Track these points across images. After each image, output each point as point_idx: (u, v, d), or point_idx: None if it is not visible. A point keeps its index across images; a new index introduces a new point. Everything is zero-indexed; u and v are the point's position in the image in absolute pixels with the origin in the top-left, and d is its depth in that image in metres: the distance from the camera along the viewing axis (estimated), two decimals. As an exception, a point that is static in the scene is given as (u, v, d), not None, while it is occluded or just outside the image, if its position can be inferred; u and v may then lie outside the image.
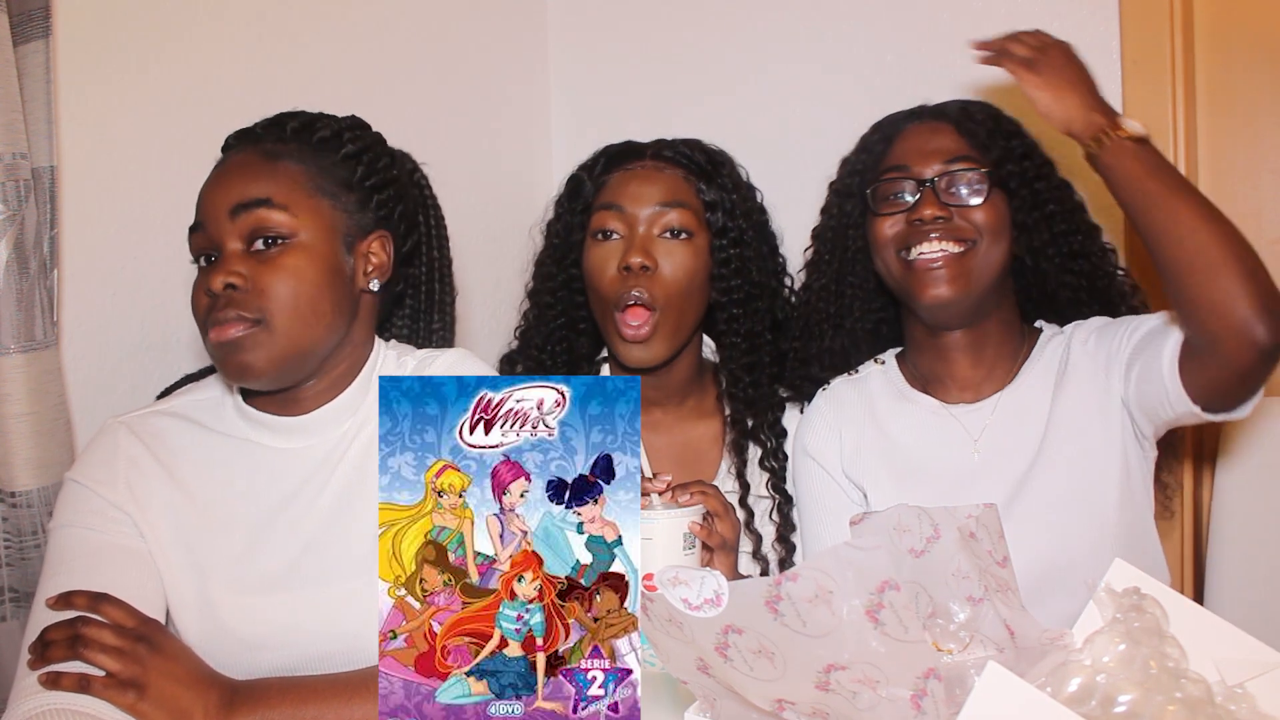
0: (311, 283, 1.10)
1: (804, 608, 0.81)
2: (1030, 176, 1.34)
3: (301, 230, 1.11)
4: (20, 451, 1.24)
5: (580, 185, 1.49)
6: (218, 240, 1.10)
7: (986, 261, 1.31)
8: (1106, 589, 0.95)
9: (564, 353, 1.52)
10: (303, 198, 1.12)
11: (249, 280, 1.07)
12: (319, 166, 1.15)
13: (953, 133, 1.34)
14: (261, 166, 1.13)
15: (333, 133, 1.19)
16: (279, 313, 1.08)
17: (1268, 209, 1.73)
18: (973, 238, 1.30)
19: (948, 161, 1.32)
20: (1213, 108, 1.75)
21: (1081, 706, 0.86)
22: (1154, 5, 1.70)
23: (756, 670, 0.82)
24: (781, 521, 1.46)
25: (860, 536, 1.01)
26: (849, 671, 0.80)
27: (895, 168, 1.35)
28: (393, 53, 1.88)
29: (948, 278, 1.29)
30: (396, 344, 1.25)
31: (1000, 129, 1.35)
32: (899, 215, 1.33)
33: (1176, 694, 0.86)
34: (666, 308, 1.41)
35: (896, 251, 1.33)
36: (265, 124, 1.19)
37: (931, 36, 1.86)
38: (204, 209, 1.12)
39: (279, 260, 1.09)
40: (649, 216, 1.42)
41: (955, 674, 0.84)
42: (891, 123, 1.41)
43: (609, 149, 1.51)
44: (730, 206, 1.45)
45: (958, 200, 1.31)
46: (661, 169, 1.45)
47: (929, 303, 1.31)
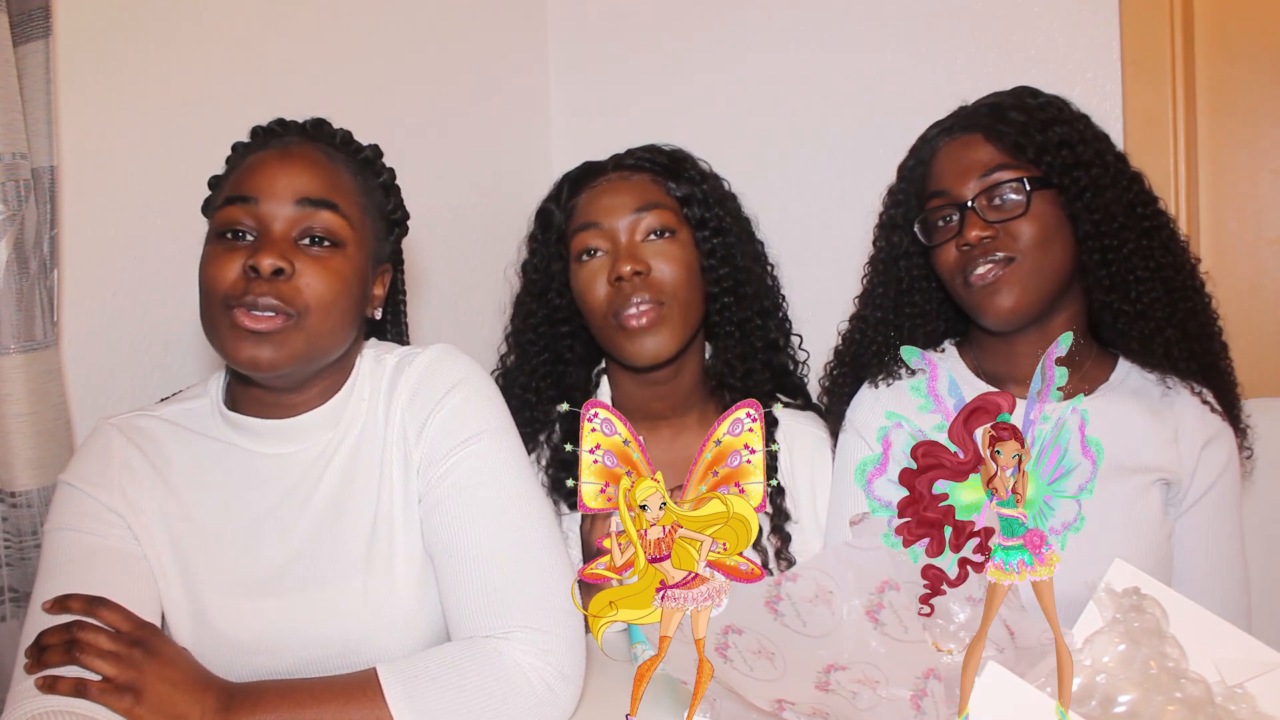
0: (346, 293, 1.10)
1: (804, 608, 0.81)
2: (1073, 164, 1.27)
3: (350, 243, 1.11)
4: (20, 451, 1.24)
5: (550, 216, 1.49)
6: (269, 221, 1.08)
7: (1044, 265, 1.27)
8: (1106, 589, 0.95)
9: (551, 387, 1.51)
10: (357, 212, 1.13)
11: (295, 271, 1.06)
12: (365, 186, 1.17)
13: (983, 142, 1.30)
14: (327, 167, 1.13)
15: (372, 155, 1.21)
16: (315, 311, 1.07)
17: (1268, 209, 1.73)
18: (1023, 248, 1.27)
19: (983, 176, 1.28)
20: (1213, 108, 1.75)
21: (1081, 706, 0.86)
22: (1154, 5, 1.71)
23: (756, 670, 0.82)
24: (775, 513, 1.45)
25: (860, 536, 1.01)
26: (849, 671, 0.80)
27: (935, 194, 1.33)
28: (393, 53, 1.88)
29: (1006, 290, 1.27)
30: (375, 342, 1.25)
31: (1035, 120, 1.29)
32: (951, 242, 1.31)
33: (1176, 694, 0.86)
34: (671, 301, 1.41)
35: (959, 276, 1.31)
36: (310, 123, 1.19)
37: (933, 39, 1.86)
38: (261, 187, 1.09)
39: (327, 261, 1.09)
40: (628, 225, 1.42)
41: (955, 674, 0.84)
42: (925, 143, 1.38)
43: (568, 175, 1.51)
44: (703, 197, 1.46)
45: (1002, 213, 1.27)
46: (627, 177, 1.46)
47: (995, 317, 1.29)
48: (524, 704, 1.00)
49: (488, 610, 1.05)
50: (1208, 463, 1.29)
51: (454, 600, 1.07)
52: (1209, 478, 1.29)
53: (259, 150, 1.13)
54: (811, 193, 1.98)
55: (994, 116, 1.32)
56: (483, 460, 1.11)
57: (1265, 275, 1.70)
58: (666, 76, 2.11)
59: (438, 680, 0.99)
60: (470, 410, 1.13)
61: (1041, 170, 1.27)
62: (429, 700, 0.98)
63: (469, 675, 1.00)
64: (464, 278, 2.01)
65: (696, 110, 2.07)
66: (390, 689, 0.98)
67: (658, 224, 1.42)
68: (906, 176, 1.40)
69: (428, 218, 1.90)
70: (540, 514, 1.12)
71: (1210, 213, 1.74)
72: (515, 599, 1.05)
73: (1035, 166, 1.27)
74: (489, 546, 1.07)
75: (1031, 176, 1.27)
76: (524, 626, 1.03)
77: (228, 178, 1.14)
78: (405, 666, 1.00)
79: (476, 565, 1.06)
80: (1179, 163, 1.70)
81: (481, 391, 1.16)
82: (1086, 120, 1.33)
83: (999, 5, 1.80)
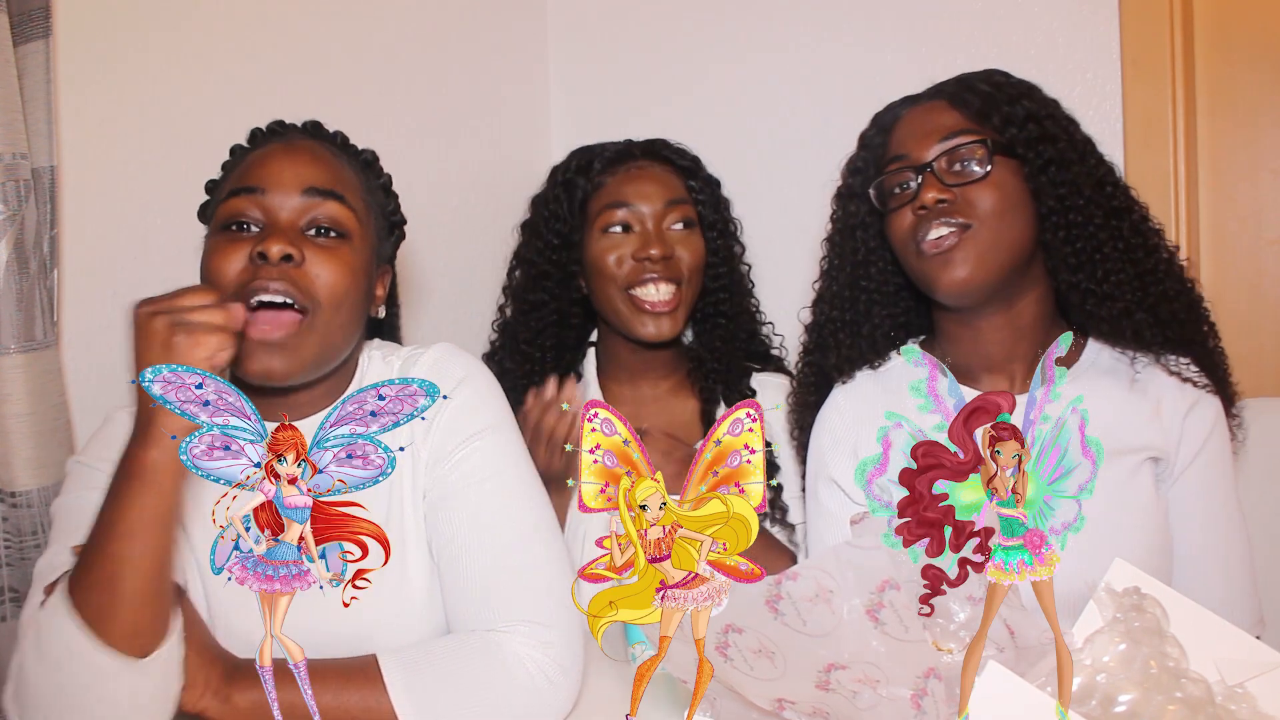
0: (355, 285, 1.10)
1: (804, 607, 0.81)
2: (1037, 137, 1.24)
3: (356, 236, 1.11)
4: (20, 451, 1.24)
5: (574, 186, 1.59)
6: (275, 211, 1.08)
7: (1002, 236, 1.23)
8: (1106, 589, 0.95)
9: (554, 346, 1.61)
10: (362, 206, 1.14)
11: (304, 259, 1.06)
12: (368, 185, 1.17)
13: (948, 108, 1.27)
14: (333, 161, 1.13)
15: (372, 158, 1.22)
16: (326, 305, 1.06)
17: (1268, 209, 1.73)
18: (981, 215, 1.22)
19: (944, 139, 1.24)
20: (1213, 108, 1.75)
21: (1082, 706, 0.86)
22: (1154, 5, 1.71)
23: (757, 670, 0.82)
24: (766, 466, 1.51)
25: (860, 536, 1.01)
26: (849, 671, 0.81)
27: (895, 158, 1.28)
28: (394, 54, 1.88)
29: (961, 259, 1.22)
30: (380, 343, 1.25)
31: (1003, 93, 1.27)
32: (907, 207, 1.26)
33: (1176, 694, 0.86)
34: (688, 286, 1.55)
35: (912, 243, 1.26)
36: (310, 124, 1.20)
37: (933, 39, 1.86)
38: (267, 177, 1.09)
39: (335, 251, 1.08)
40: (657, 213, 1.54)
41: (955, 674, 0.84)
42: (888, 111, 1.35)
43: (595, 152, 1.61)
44: (714, 200, 1.60)
45: (961, 178, 1.23)
46: (658, 168, 1.58)
47: (947, 288, 1.23)
48: (522, 696, 1.01)
49: (488, 603, 1.05)
50: (1192, 430, 1.26)
51: (455, 593, 1.08)
52: (1195, 444, 1.26)
53: (262, 146, 1.14)
54: (811, 192, 1.98)
55: (961, 85, 1.29)
56: (486, 456, 1.12)
57: (1265, 275, 1.70)
58: (667, 78, 2.11)
59: (437, 670, 1.00)
60: (474, 407, 1.14)
61: (1005, 139, 1.24)
62: (428, 689, 0.98)
63: (468, 666, 1.01)
64: (463, 278, 2.01)
65: (697, 111, 2.07)
66: (390, 676, 0.98)
67: (683, 216, 1.56)
68: (867, 144, 1.36)
69: (427, 219, 1.91)
70: (541, 509, 1.13)
71: (1210, 213, 1.74)
72: (515, 592, 1.06)
73: (1000, 135, 1.24)
74: (490, 540, 1.08)
75: (995, 141, 1.24)
76: (523, 620, 1.04)
77: (228, 176, 1.14)
78: (405, 655, 1.01)
79: (477, 559, 1.07)
80: (1179, 163, 1.70)
81: (484, 389, 1.17)
82: (1057, 104, 1.30)
83: (999, 5, 1.80)
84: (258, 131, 1.18)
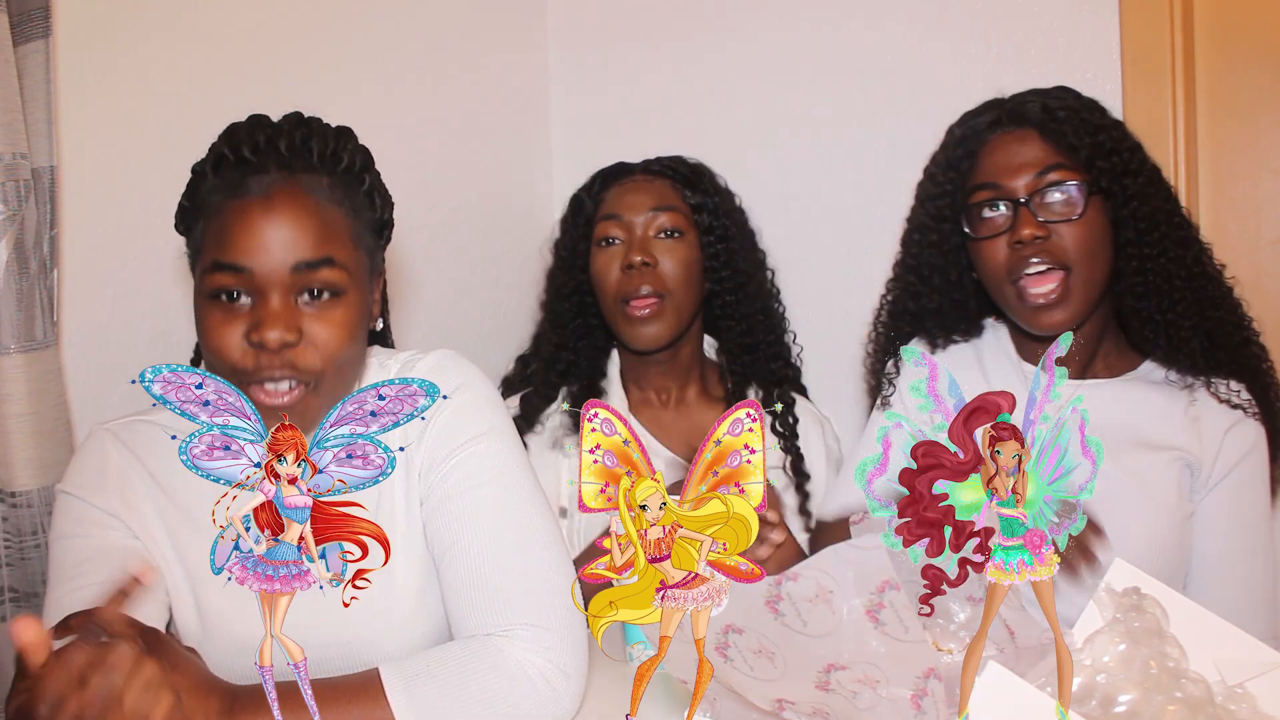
0: (354, 338, 1.08)
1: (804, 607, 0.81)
2: (1122, 171, 1.28)
3: (350, 287, 1.08)
4: (20, 451, 1.24)
5: (581, 204, 1.69)
6: (266, 289, 1.03)
7: (1095, 275, 1.28)
8: (1106, 589, 0.95)
9: (586, 348, 1.69)
10: (351, 251, 1.09)
11: (302, 334, 1.04)
12: (354, 207, 1.12)
13: (1038, 139, 1.30)
14: (314, 215, 1.06)
15: (350, 161, 1.13)
16: (329, 373, 1.05)
17: (1268, 209, 1.73)
18: (1076, 257, 1.27)
19: (1039, 174, 1.28)
20: (1213, 108, 1.75)
21: (1082, 706, 0.86)
22: (1154, 5, 1.70)
23: (757, 670, 0.82)
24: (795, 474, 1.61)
25: (861, 536, 1.01)
26: (849, 671, 0.81)
27: (984, 185, 1.31)
28: (394, 56, 1.88)
29: (1059, 303, 1.27)
30: (379, 349, 1.24)
31: (1086, 124, 1.30)
32: (1000, 238, 1.30)
33: (1176, 694, 0.86)
34: (670, 294, 1.59)
35: (1008, 280, 1.30)
36: (286, 143, 1.09)
37: (933, 39, 1.86)
38: (251, 253, 1.03)
39: (330, 315, 1.06)
40: (644, 221, 1.61)
41: (955, 674, 0.84)
42: (974, 134, 1.36)
43: (603, 171, 1.70)
44: (714, 208, 1.64)
45: (1055, 215, 1.27)
46: (651, 180, 1.65)
47: (1046, 329, 1.29)
48: (526, 702, 1.00)
49: (489, 609, 1.05)
50: (1231, 446, 1.29)
51: (456, 599, 1.07)
52: (1231, 460, 1.29)
53: (235, 197, 1.06)
54: (811, 191, 1.98)
55: (1046, 114, 1.31)
56: (484, 461, 1.11)
57: (1265, 275, 1.70)
58: (667, 79, 2.11)
59: (439, 679, 0.99)
60: (471, 413, 1.13)
61: (1091, 175, 1.28)
62: (430, 699, 0.98)
63: (470, 674, 1.00)
64: (463, 279, 2.01)
65: (697, 111, 2.07)
66: (392, 688, 0.97)
67: (669, 224, 1.61)
68: (952, 166, 1.37)
69: (426, 221, 1.91)
70: (541, 513, 1.12)
71: (1210, 213, 1.73)
72: (517, 597, 1.05)
73: (1086, 170, 1.28)
74: (490, 545, 1.07)
75: (1084, 181, 1.27)
76: (525, 624, 1.03)
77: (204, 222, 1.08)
78: (406, 665, 1.00)
79: (478, 564, 1.06)
80: (1179, 163, 1.70)
81: (482, 395, 1.16)
82: (1122, 126, 1.34)
83: (999, 5, 1.80)
84: (224, 157, 1.08)
